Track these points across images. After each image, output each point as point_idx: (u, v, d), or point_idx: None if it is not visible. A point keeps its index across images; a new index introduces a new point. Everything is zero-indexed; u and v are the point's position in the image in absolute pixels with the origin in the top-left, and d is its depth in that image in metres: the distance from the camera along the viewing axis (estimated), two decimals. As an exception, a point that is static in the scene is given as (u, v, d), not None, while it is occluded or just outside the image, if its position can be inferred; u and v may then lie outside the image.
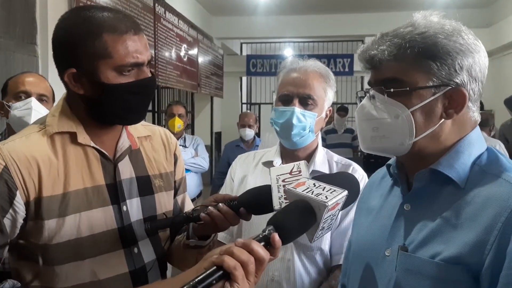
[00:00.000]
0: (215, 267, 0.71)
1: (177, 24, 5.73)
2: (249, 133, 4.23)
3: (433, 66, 0.80)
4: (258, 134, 4.72)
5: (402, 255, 0.84)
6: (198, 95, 7.42)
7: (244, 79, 10.89)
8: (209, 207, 1.00)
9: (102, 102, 0.96)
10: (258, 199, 0.99)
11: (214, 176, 4.33)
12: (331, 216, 0.82)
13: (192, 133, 7.44)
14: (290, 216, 0.80)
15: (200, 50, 6.77)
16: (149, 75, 0.99)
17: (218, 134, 8.90)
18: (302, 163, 1.02)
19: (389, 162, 0.97)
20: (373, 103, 0.87)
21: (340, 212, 1.33)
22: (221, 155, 4.40)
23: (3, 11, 2.88)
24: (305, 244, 1.32)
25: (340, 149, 5.88)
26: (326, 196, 0.80)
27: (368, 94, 0.89)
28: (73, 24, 0.95)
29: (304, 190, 0.82)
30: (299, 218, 0.80)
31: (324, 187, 0.83)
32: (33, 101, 1.74)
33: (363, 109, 0.89)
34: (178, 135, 3.81)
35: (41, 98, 1.78)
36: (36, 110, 1.72)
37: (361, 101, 0.91)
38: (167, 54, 5.23)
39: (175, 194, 1.19)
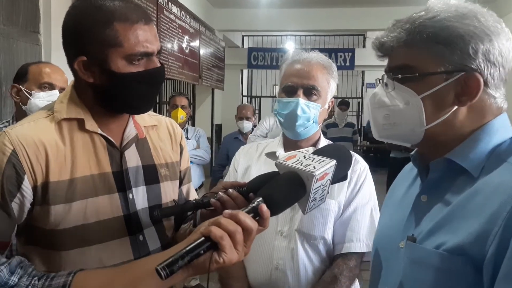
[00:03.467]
0: (203, 238, 0.73)
1: (180, 16, 5.71)
2: (247, 125, 4.22)
3: (444, 51, 0.77)
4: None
5: (409, 245, 0.83)
6: (199, 87, 7.42)
7: (245, 71, 10.88)
8: (219, 192, 1.01)
9: (112, 90, 0.96)
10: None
11: (214, 168, 4.34)
12: (322, 186, 0.83)
13: (193, 125, 7.45)
14: (278, 187, 0.82)
15: (202, 42, 6.76)
16: (159, 65, 0.99)
17: (219, 126, 8.91)
18: (310, 149, 1.05)
19: (412, 152, 0.94)
20: (386, 90, 0.85)
21: (343, 202, 1.37)
22: (220, 148, 4.41)
23: (6, -1, 2.89)
24: (309, 233, 1.34)
25: (341, 143, 5.86)
26: (314, 166, 0.81)
27: (381, 82, 0.88)
28: (84, 12, 0.95)
29: (294, 162, 0.84)
30: (287, 189, 0.81)
31: (314, 158, 0.84)
32: (58, 94, 1.82)
33: (375, 97, 0.88)
34: (180, 126, 3.80)
35: (62, 92, 1.85)
36: None
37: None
38: (169, 45, 5.23)
39: (180, 184, 1.20)
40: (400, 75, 0.82)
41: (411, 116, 0.82)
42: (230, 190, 1.01)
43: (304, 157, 0.85)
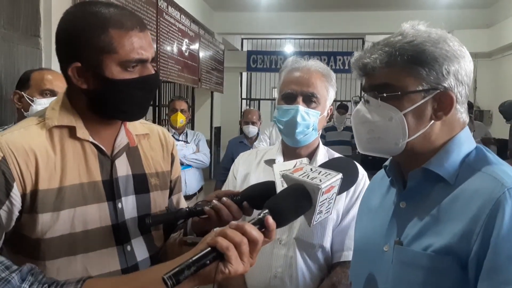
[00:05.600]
0: (209, 248, 0.74)
1: (179, 19, 5.73)
2: (253, 129, 4.25)
3: (422, 71, 0.86)
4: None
5: (397, 248, 0.90)
6: (199, 90, 7.43)
7: (244, 74, 10.89)
8: (213, 200, 1.01)
9: (106, 97, 0.95)
10: (261, 194, 1.00)
11: (218, 172, 4.35)
12: (328, 199, 0.84)
13: (192, 128, 7.46)
14: (284, 199, 0.83)
15: (202, 45, 6.77)
16: (153, 72, 0.99)
17: (218, 129, 8.93)
18: (304, 159, 1.06)
19: (386, 163, 1.02)
20: (368, 107, 0.92)
21: (341, 210, 1.39)
22: (225, 151, 4.42)
23: (7, 3, 2.89)
24: (307, 241, 1.35)
25: (340, 146, 5.91)
26: (320, 179, 0.82)
27: (363, 99, 0.95)
28: (79, 18, 0.94)
29: (300, 175, 0.85)
30: (293, 201, 0.82)
31: (320, 171, 0.85)
32: None
33: (359, 113, 0.94)
34: (180, 130, 3.82)
35: None
36: None
37: (356, 105, 0.97)
38: (168, 48, 5.24)
39: (171, 194, 1.18)
40: (385, 94, 0.89)
41: (394, 130, 0.89)
42: (224, 198, 1.01)
43: (311, 169, 0.87)
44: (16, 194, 0.90)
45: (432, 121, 0.88)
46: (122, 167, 1.04)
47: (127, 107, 0.99)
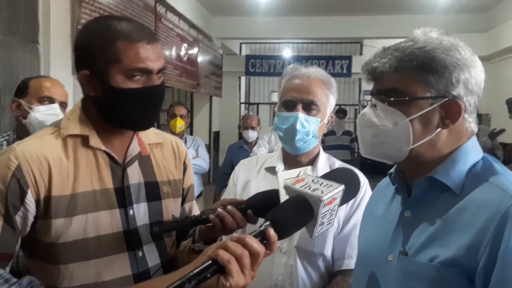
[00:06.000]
0: (210, 261, 0.73)
1: (178, 24, 5.74)
2: (252, 135, 4.25)
3: (431, 78, 0.85)
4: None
5: (402, 259, 0.88)
6: (197, 94, 7.45)
7: (243, 78, 10.91)
8: (218, 209, 1.02)
9: (110, 104, 1.00)
10: (265, 202, 1.01)
11: (218, 177, 4.34)
12: (330, 211, 0.83)
13: (191, 132, 7.45)
14: (286, 211, 0.82)
15: (200, 50, 6.79)
16: (157, 83, 1.01)
17: (217, 134, 8.93)
18: (308, 168, 1.06)
19: (391, 170, 1.01)
20: (374, 111, 0.92)
21: (342, 218, 1.38)
22: (225, 156, 4.41)
23: (6, 9, 2.89)
24: (308, 250, 1.34)
25: (339, 150, 5.92)
26: (322, 191, 0.81)
27: (370, 103, 0.94)
28: (92, 30, 1.02)
29: (302, 186, 0.84)
30: (295, 213, 0.81)
31: (322, 183, 0.84)
32: (58, 108, 1.85)
33: (365, 117, 0.94)
34: (179, 136, 3.81)
35: (62, 106, 1.89)
36: (60, 117, 1.80)
37: (364, 109, 0.96)
38: (167, 53, 5.25)
39: (183, 202, 1.21)
40: (392, 98, 0.88)
41: (399, 136, 0.88)
42: (229, 206, 1.03)
43: (313, 181, 0.86)
44: (30, 200, 0.94)
45: (439, 128, 0.87)
46: (134, 175, 1.07)
47: (133, 116, 1.02)
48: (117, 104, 0.99)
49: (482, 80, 0.89)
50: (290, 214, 0.81)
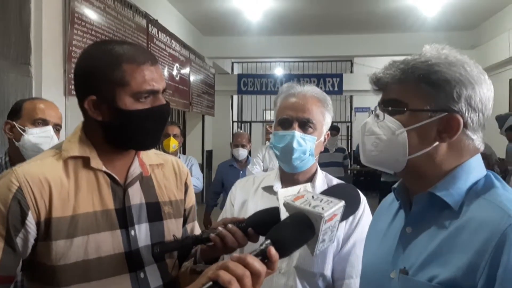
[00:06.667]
0: (211, 283, 0.71)
1: (170, 44, 5.78)
2: (242, 152, 4.24)
3: (431, 91, 0.86)
4: (251, 153, 4.72)
5: (402, 278, 0.88)
6: (190, 113, 7.45)
7: (235, 97, 10.96)
8: (219, 228, 1.02)
9: (120, 127, 1.01)
10: (266, 220, 1.00)
11: (208, 197, 4.30)
12: (330, 227, 0.82)
13: (184, 152, 7.42)
14: (286, 229, 0.81)
15: (192, 69, 6.82)
16: (164, 102, 1.04)
17: (209, 152, 8.90)
18: (308, 185, 1.06)
19: (394, 185, 1.01)
20: (376, 120, 0.93)
21: (342, 237, 1.36)
22: (215, 175, 4.39)
23: (-2, 31, 2.89)
24: (308, 270, 1.32)
25: (332, 168, 5.92)
26: (322, 207, 0.80)
27: (373, 113, 0.96)
28: (95, 56, 1.02)
29: (302, 203, 0.83)
30: (296, 231, 0.80)
31: (322, 199, 0.84)
32: (52, 130, 1.83)
33: (366, 125, 0.96)
34: (172, 155, 3.80)
35: (56, 128, 1.87)
36: (54, 139, 1.80)
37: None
38: (160, 73, 5.25)
39: (185, 222, 1.21)
40: (390, 108, 0.90)
41: (395, 145, 0.89)
42: (230, 225, 1.03)
43: (313, 197, 0.85)
44: (31, 222, 0.95)
45: (437, 142, 0.87)
46: (136, 195, 1.08)
47: (140, 136, 1.04)
48: (128, 126, 1.01)
49: (488, 99, 0.88)
50: (290, 231, 0.80)
